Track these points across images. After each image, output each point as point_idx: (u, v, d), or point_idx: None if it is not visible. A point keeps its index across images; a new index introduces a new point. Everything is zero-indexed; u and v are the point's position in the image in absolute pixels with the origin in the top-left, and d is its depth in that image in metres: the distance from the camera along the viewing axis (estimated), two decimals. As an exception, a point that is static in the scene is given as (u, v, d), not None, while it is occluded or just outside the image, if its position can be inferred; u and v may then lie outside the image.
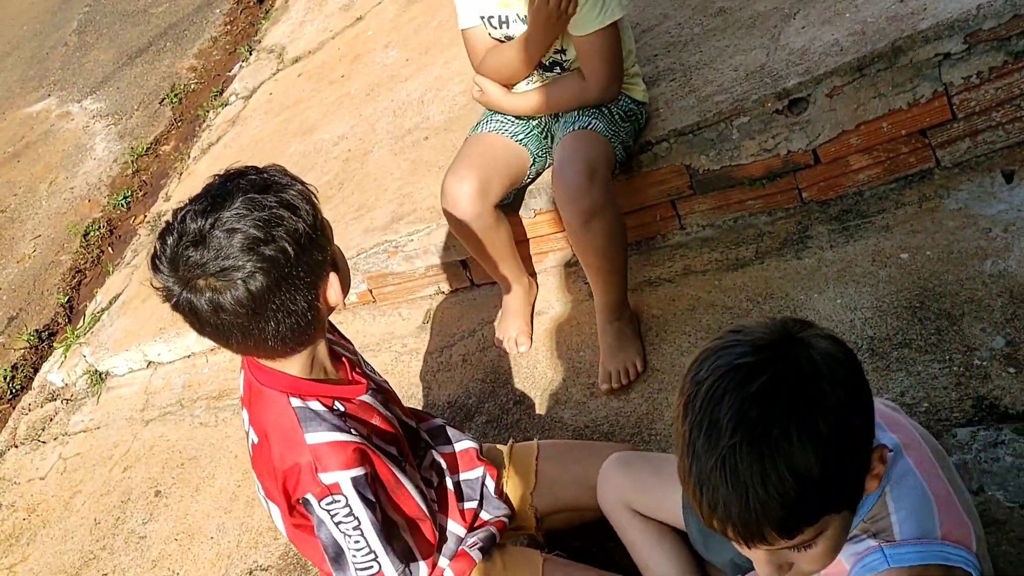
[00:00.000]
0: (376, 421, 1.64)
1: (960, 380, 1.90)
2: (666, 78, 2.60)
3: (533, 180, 2.57)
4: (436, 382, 2.62)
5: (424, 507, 1.67)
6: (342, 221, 3.11)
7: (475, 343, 2.67)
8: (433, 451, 1.85)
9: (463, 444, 1.91)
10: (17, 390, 3.53)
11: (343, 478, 1.50)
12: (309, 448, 1.49)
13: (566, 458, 1.96)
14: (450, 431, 1.93)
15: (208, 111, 4.69)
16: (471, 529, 1.83)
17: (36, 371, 3.57)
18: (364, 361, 1.80)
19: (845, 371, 1.09)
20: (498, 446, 2.01)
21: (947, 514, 1.20)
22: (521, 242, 2.71)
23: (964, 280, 2.07)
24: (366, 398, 1.65)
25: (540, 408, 2.37)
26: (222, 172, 1.48)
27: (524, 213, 2.64)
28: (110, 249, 4.09)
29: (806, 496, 1.04)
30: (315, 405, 1.54)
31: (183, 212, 1.41)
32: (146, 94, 5.14)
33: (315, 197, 1.49)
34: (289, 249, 1.39)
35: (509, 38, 2.33)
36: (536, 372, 2.48)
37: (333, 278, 1.50)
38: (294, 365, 1.55)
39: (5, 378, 3.60)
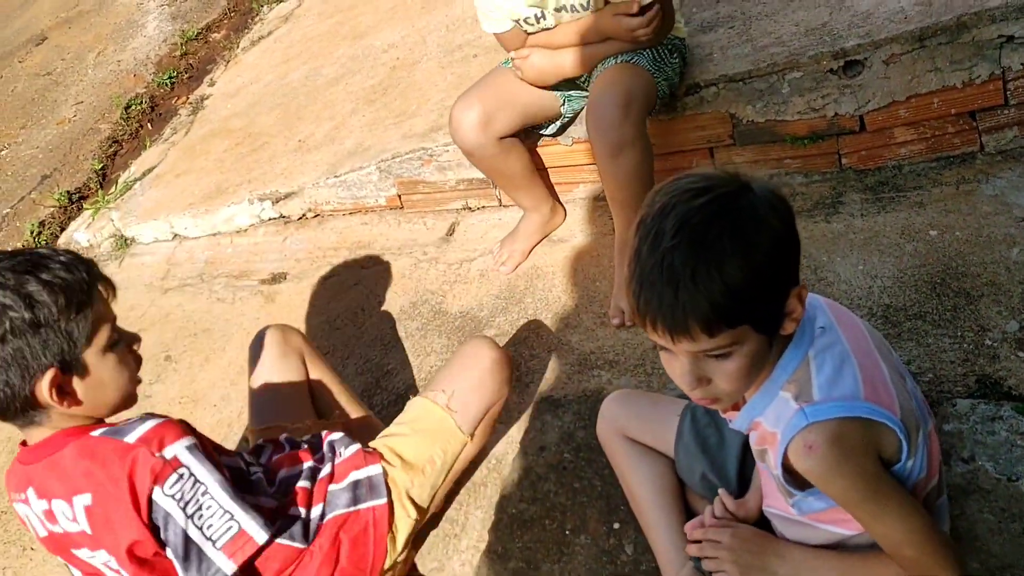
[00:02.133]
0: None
1: (968, 357, 1.92)
2: (725, 24, 2.59)
3: (572, 118, 2.58)
4: (452, 292, 2.65)
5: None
6: (381, 125, 3.13)
7: (495, 261, 2.70)
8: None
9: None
10: (42, 245, 3.59)
11: (179, 448, 1.50)
12: (138, 441, 1.49)
13: None
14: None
15: (263, 5, 4.70)
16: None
17: (63, 230, 3.62)
18: None
19: (784, 209, 1.23)
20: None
21: (871, 382, 1.27)
22: (552, 169, 2.72)
23: (988, 263, 2.08)
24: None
25: (550, 329, 2.40)
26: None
27: (563, 140, 2.66)
28: (149, 125, 4.12)
29: (728, 298, 1.16)
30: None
31: None
32: (204, -20, 5.14)
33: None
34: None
35: (546, 29, 2.32)
36: (551, 295, 2.50)
37: (51, 375, 1.45)
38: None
39: (32, 232, 3.66)
